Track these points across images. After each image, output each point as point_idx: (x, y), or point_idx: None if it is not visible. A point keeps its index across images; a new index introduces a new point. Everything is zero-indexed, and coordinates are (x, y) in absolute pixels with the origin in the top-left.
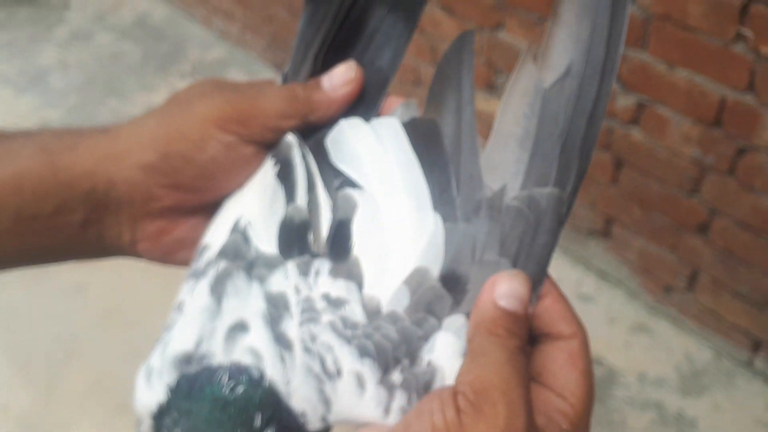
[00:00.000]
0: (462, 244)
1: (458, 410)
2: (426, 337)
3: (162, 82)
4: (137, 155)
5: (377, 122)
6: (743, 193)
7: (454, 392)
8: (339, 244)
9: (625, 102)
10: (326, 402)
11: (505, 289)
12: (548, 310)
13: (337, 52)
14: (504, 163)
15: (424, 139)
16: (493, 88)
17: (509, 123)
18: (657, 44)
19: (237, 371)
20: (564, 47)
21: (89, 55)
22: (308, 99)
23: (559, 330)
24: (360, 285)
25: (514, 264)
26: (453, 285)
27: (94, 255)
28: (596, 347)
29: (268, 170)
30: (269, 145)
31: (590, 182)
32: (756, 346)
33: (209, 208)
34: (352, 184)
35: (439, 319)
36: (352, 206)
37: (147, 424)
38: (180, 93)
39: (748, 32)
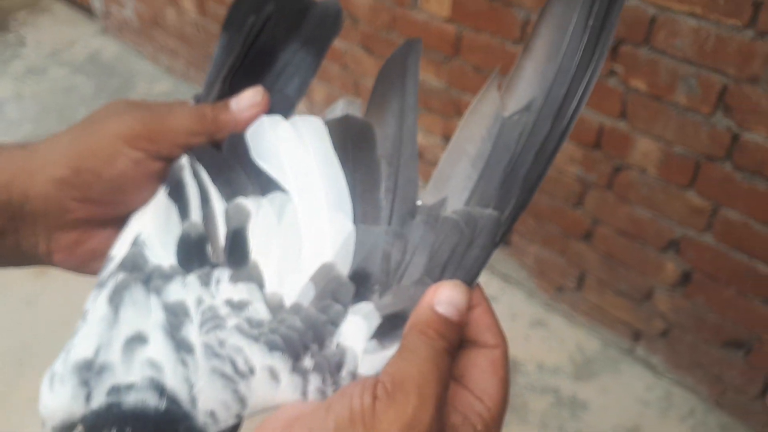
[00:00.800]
0: (376, 245)
1: (375, 397)
2: (332, 322)
3: None
4: (51, 170)
5: (299, 119)
6: (620, 205)
7: (376, 381)
8: (236, 251)
9: None
10: (241, 400)
11: (445, 296)
12: (477, 320)
13: (250, 79)
14: (452, 178)
15: (355, 138)
16: None
17: (465, 141)
18: None
19: (123, 423)
20: (529, 83)
21: (43, 88)
22: (216, 119)
23: (485, 339)
24: (261, 285)
25: (441, 274)
26: (362, 280)
27: (13, 263)
28: None
29: (161, 191)
30: None
31: None
32: (636, 337)
33: (122, 221)
34: (270, 185)
35: (345, 305)
36: (245, 215)
37: (49, 425)
38: (94, 112)
39: (619, 68)
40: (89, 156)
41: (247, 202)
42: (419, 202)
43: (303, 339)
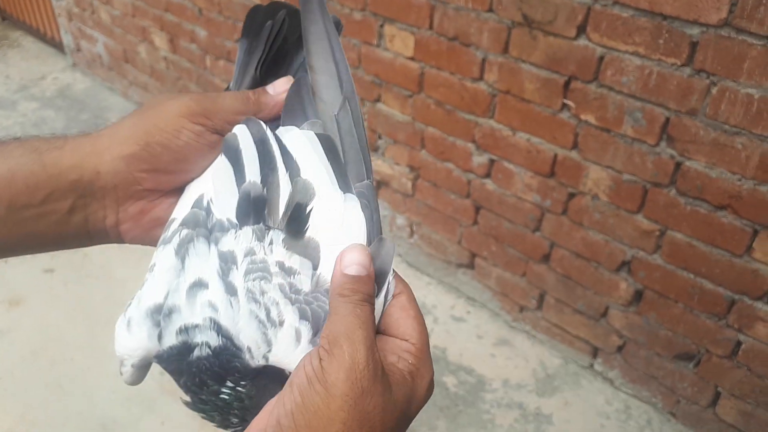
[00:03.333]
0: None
1: (320, 359)
2: None
3: None
4: (119, 148)
5: (299, 133)
6: (575, 229)
7: (317, 348)
8: (295, 222)
9: (479, 160)
10: (269, 343)
11: (347, 259)
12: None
13: (272, 74)
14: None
15: (328, 146)
16: (376, 148)
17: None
18: (502, 114)
19: (199, 372)
20: (330, 85)
21: (13, 122)
22: (258, 100)
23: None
24: (315, 265)
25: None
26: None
27: (79, 240)
28: (468, 359)
29: (220, 157)
30: None
31: (457, 224)
32: (594, 353)
33: (181, 191)
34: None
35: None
36: (311, 193)
37: (129, 363)
38: (148, 100)
39: (570, 103)
40: (156, 132)
41: (314, 183)
42: None
43: (325, 319)
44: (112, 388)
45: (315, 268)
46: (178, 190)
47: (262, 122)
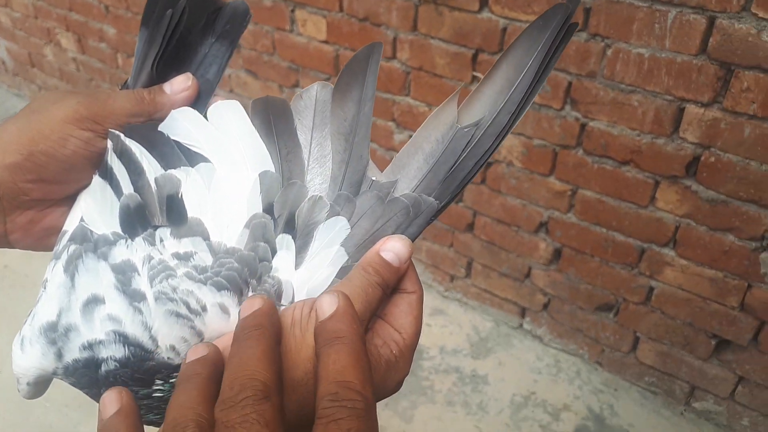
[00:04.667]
0: (281, 185)
1: (311, 309)
2: (264, 259)
3: None
4: (0, 157)
5: (220, 103)
6: (494, 196)
7: (313, 298)
8: (174, 212)
9: (400, 137)
10: (199, 334)
11: (389, 245)
12: None
13: (175, 67)
14: (407, 167)
15: (275, 112)
16: None
17: (423, 139)
18: (417, 90)
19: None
20: (483, 104)
21: None
22: (153, 101)
23: (405, 286)
24: (206, 237)
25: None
26: (278, 217)
27: None
28: None
29: (95, 174)
30: None
31: None
32: (523, 313)
33: (74, 198)
34: (196, 158)
35: (269, 242)
36: (176, 182)
37: (24, 382)
38: (33, 102)
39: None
40: (41, 140)
41: (177, 172)
42: (373, 178)
43: (242, 276)
44: (46, 396)
45: (206, 238)
46: (72, 197)
47: (120, 134)
